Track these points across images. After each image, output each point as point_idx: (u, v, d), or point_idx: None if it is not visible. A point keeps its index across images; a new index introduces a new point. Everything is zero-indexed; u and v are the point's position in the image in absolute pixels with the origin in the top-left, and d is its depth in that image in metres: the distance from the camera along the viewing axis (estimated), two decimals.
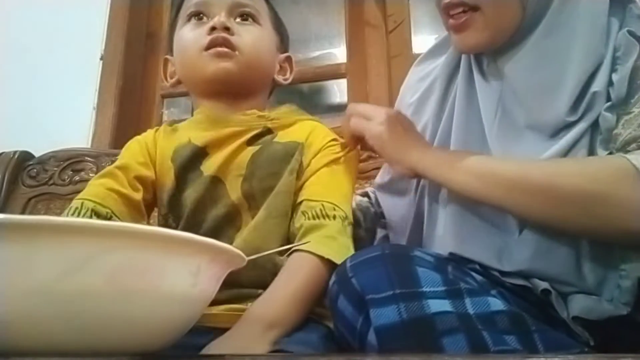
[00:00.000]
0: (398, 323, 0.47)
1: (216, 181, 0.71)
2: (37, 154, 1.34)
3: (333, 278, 0.55)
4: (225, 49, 0.72)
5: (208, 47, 0.72)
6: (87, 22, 1.52)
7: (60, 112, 1.43)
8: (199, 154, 0.72)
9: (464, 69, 0.69)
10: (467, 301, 0.49)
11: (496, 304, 0.50)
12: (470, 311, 0.48)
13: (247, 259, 0.42)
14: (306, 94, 1.55)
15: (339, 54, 1.53)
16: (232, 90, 0.74)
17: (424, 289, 0.49)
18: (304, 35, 1.71)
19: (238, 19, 0.75)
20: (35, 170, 1.29)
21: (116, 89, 1.43)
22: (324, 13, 1.57)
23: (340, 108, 1.44)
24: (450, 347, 0.46)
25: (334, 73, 1.47)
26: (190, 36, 0.75)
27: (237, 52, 0.72)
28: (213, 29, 0.72)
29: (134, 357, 0.35)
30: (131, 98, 1.46)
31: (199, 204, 0.70)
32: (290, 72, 0.84)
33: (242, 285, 0.64)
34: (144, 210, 0.74)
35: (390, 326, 0.47)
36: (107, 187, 0.69)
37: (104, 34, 1.50)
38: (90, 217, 0.65)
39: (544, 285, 0.55)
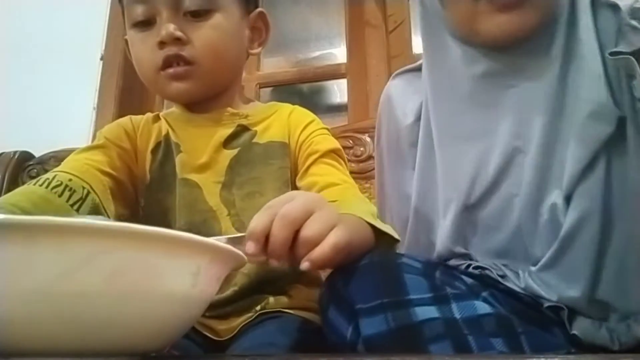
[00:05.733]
0: (386, 332, 0.47)
1: (191, 184, 0.68)
2: (37, 154, 1.35)
3: (324, 287, 0.55)
4: (181, 68, 0.66)
5: (163, 68, 0.66)
6: (87, 22, 1.52)
7: (61, 112, 1.43)
8: (175, 151, 0.69)
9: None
10: (454, 306, 0.50)
11: (483, 307, 0.51)
12: (457, 316, 0.49)
13: (247, 260, 0.42)
14: (306, 94, 1.55)
15: (339, 54, 1.53)
16: (198, 100, 0.70)
17: (411, 297, 0.49)
18: (304, 35, 1.71)
19: (188, 15, 0.66)
20: (35, 170, 1.29)
21: (116, 89, 1.43)
22: (324, 13, 1.57)
23: (340, 108, 1.44)
24: (437, 354, 0.46)
25: (334, 73, 1.47)
26: (141, 50, 0.68)
27: (195, 65, 0.66)
28: (162, 43, 0.65)
29: (133, 357, 0.35)
30: (131, 98, 1.46)
31: (173, 209, 0.67)
32: (266, 31, 0.75)
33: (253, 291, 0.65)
34: (131, 190, 0.68)
35: (379, 335, 0.47)
36: (87, 162, 0.63)
37: (104, 34, 1.50)
38: (62, 191, 0.58)
39: (552, 303, 0.55)
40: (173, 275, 0.34)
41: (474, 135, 0.62)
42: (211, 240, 0.37)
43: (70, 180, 0.59)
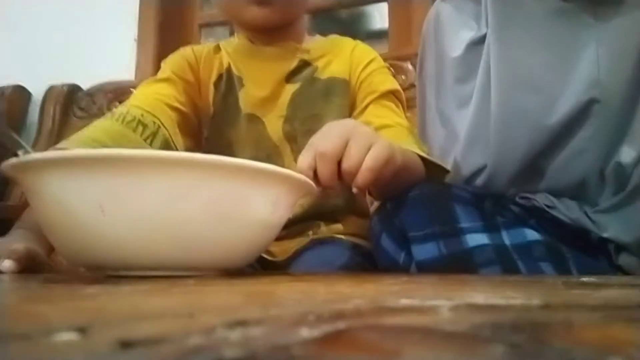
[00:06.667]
0: (438, 258, 0.50)
1: (255, 120, 0.69)
2: (83, 86, 1.39)
3: (375, 217, 0.57)
4: None
5: None
6: None
7: (103, 45, 1.45)
8: (237, 85, 0.70)
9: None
10: (504, 233, 0.52)
11: (532, 234, 0.52)
12: (507, 242, 0.51)
13: (316, 188, 0.45)
14: (345, 20, 1.51)
15: None
16: (271, 27, 0.69)
17: (462, 225, 0.51)
18: None
19: None
20: (84, 102, 1.34)
21: (155, 20, 1.42)
22: None
23: (380, 35, 1.40)
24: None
25: None
26: None
27: None
28: None
29: (221, 272, 0.40)
30: (170, 28, 1.46)
31: (238, 144, 0.69)
32: None
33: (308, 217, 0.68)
34: (195, 122, 0.70)
35: (431, 261, 0.50)
36: (156, 96, 0.65)
37: None
38: (136, 126, 0.61)
39: (605, 235, 0.55)
40: (257, 203, 0.38)
41: (542, 77, 0.57)
42: (288, 170, 0.40)
43: (142, 115, 0.62)
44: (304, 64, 0.71)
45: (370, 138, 0.46)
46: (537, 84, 0.57)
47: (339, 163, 0.45)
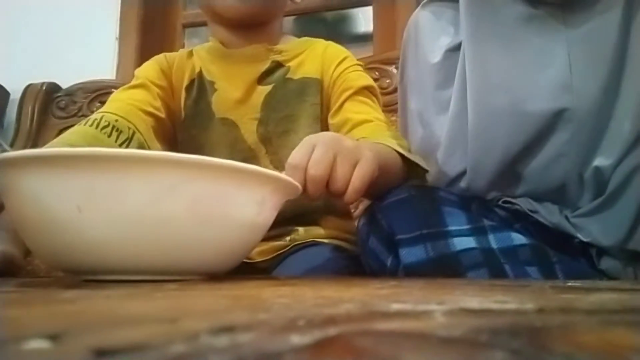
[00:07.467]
0: (425, 261, 0.50)
1: (229, 124, 0.69)
2: (62, 84, 1.36)
3: (363, 220, 0.57)
4: None
5: None
6: None
7: (84, 43, 1.42)
8: (209, 90, 0.70)
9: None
10: (491, 237, 0.52)
11: (518, 238, 0.52)
12: (494, 246, 0.51)
13: (301, 189, 0.44)
14: (330, 23, 1.50)
15: None
16: (244, 23, 0.69)
17: (449, 228, 0.51)
18: None
19: None
20: (64, 102, 1.31)
21: (137, 19, 1.40)
22: None
23: (365, 38, 1.40)
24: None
25: (360, 0, 1.42)
26: None
27: None
28: None
29: (205, 276, 0.39)
30: (153, 28, 1.44)
31: (212, 147, 0.68)
32: None
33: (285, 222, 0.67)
34: (170, 127, 0.69)
35: (418, 264, 0.50)
36: (130, 102, 0.65)
37: None
38: (111, 132, 0.60)
39: (586, 239, 0.55)
40: (242, 203, 0.37)
41: (513, 81, 0.57)
42: (273, 172, 0.39)
43: (116, 121, 0.61)
44: (277, 65, 0.70)
45: (355, 154, 0.46)
46: (509, 88, 0.57)
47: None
